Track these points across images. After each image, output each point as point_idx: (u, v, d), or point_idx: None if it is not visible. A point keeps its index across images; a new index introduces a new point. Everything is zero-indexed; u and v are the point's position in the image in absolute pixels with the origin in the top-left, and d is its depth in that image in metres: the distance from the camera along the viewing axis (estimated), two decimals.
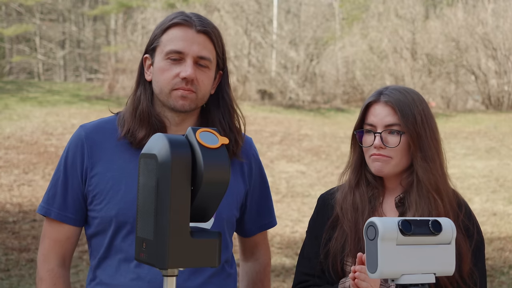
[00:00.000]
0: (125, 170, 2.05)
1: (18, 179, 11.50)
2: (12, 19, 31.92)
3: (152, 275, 2.02)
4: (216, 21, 24.27)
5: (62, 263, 2.11)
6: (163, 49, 2.05)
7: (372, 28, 27.06)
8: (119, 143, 2.07)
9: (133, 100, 2.10)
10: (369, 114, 2.20)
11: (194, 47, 2.03)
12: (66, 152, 2.11)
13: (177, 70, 2.03)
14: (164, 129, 2.08)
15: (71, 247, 2.13)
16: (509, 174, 13.18)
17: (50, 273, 2.09)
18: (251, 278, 2.36)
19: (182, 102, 2.04)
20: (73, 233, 2.11)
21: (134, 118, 2.06)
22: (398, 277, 1.65)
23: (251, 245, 2.36)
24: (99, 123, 2.14)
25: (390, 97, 2.17)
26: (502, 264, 7.69)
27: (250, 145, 2.25)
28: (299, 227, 9.38)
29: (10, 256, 7.58)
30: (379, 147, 2.15)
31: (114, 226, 2.04)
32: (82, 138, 2.08)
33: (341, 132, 17.90)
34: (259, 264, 2.36)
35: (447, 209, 2.15)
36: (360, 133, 2.22)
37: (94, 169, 2.06)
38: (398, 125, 2.15)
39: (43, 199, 2.13)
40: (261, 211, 2.29)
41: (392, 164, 2.17)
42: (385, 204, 2.23)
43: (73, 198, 2.08)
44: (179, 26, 2.05)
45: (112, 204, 2.03)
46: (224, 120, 2.12)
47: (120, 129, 2.08)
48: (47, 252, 2.11)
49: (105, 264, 2.08)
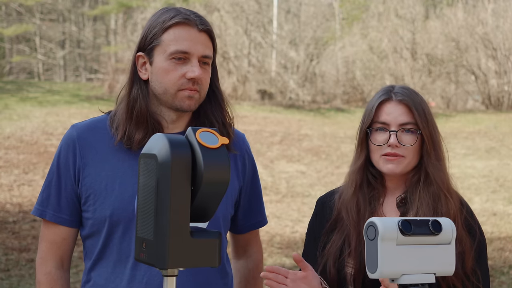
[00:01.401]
0: (119, 170, 2.03)
1: (18, 179, 11.50)
2: (12, 19, 31.92)
3: (149, 277, 2.01)
4: (216, 21, 24.31)
5: (60, 265, 2.10)
6: (165, 49, 2.01)
7: (372, 28, 27.06)
8: (112, 142, 2.04)
9: (127, 100, 2.05)
10: (381, 113, 2.17)
11: (198, 47, 2.02)
12: (59, 152, 2.08)
13: (183, 71, 2.00)
14: (161, 129, 2.05)
15: (68, 249, 2.11)
16: (509, 174, 13.18)
17: (47, 276, 2.08)
18: (243, 275, 2.35)
19: (188, 102, 2.02)
20: (69, 234, 2.09)
21: (131, 120, 2.03)
22: (398, 277, 1.65)
23: (244, 242, 2.34)
24: (91, 122, 2.11)
25: (403, 96, 2.16)
26: (502, 264, 7.69)
27: (243, 141, 2.24)
28: (299, 227, 9.38)
29: (10, 256, 7.58)
30: (394, 145, 2.13)
31: (108, 227, 2.02)
32: (74, 138, 2.06)
33: (341, 132, 17.90)
34: (252, 261, 2.35)
35: (457, 207, 2.15)
36: (371, 132, 2.18)
37: (86, 169, 2.04)
38: (413, 124, 2.14)
39: (37, 201, 2.11)
40: (253, 207, 2.28)
41: (405, 164, 2.15)
42: (386, 204, 2.22)
43: (67, 199, 2.06)
44: (181, 25, 2.01)
45: (106, 204, 2.01)
46: (216, 114, 2.11)
47: (113, 130, 2.05)
48: (44, 255, 2.10)
49: (100, 265, 2.06)
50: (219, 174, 1.45)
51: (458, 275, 2.09)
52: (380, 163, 2.16)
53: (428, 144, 2.15)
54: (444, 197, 2.14)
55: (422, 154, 2.18)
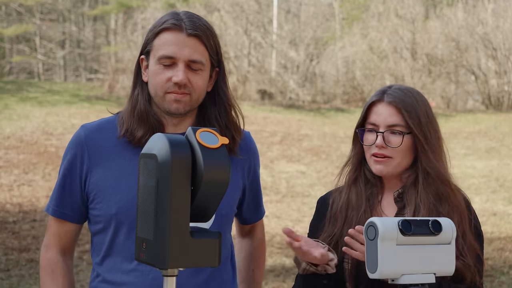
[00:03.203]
0: (125, 169, 2.08)
1: (18, 179, 11.50)
2: (12, 19, 31.92)
3: (155, 272, 2.05)
4: (216, 21, 24.29)
5: (62, 252, 2.17)
6: (155, 53, 2.08)
7: (372, 28, 27.06)
8: (119, 142, 2.11)
9: (131, 100, 2.14)
10: (372, 113, 2.21)
11: (185, 51, 2.05)
12: (67, 151, 2.16)
13: (169, 74, 2.05)
14: (162, 128, 2.12)
15: (70, 240, 2.19)
16: (509, 174, 13.18)
17: (49, 261, 2.16)
18: (248, 250, 2.44)
19: (176, 105, 2.06)
20: (71, 228, 2.17)
21: (133, 118, 2.10)
22: (398, 277, 1.65)
23: (248, 229, 2.45)
24: (100, 123, 2.17)
25: (394, 97, 2.18)
26: (502, 264, 7.69)
27: (250, 141, 2.29)
28: (299, 227, 9.38)
29: (10, 256, 7.58)
30: (380, 146, 2.16)
31: (114, 225, 2.08)
32: (82, 139, 2.13)
33: (341, 132, 17.90)
34: (256, 239, 2.45)
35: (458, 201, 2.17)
36: (362, 132, 2.23)
37: (94, 169, 2.10)
38: (401, 126, 2.17)
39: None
40: (256, 203, 2.36)
41: (393, 165, 2.18)
42: (384, 200, 2.24)
43: (70, 196, 2.13)
44: (170, 30, 2.07)
45: (112, 202, 2.07)
46: (221, 117, 2.14)
47: (120, 129, 2.12)
48: (48, 243, 2.18)
49: (108, 261, 2.12)
50: (219, 174, 1.45)
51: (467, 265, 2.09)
52: (371, 163, 2.21)
53: (423, 144, 2.16)
54: (452, 194, 2.16)
55: (418, 154, 2.19)
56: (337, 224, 2.22)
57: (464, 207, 2.17)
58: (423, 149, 2.17)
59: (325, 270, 2.09)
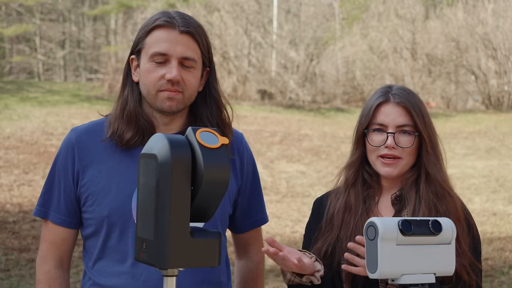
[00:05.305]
0: (116, 171, 2.07)
1: (18, 179, 11.49)
2: (12, 19, 31.90)
3: (147, 275, 2.03)
4: (216, 21, 24.30)
5: (59, 264, 2.14)
6: (147, 51, 2.06)
7: (372, 28, 27.05)
8: (109, 144, 2.09)
9: (120, 101, 2.12)
10: (379, 114, 2.18)
11: (178, 48, 2.04)
12: (58, 155, 2.14)
13: (162, 72, 2.04)
14: (152, 130, 2.09)
15: (68, 249, 2.15)
16: (509, 174, 13.18)
17: (46, 275, 2.12)
18: (243, 276, 2.36)
19: (169, 103, 2.05)
20: (69, 235, 2.14)
21: (122, 119, 2.08)
22: (398, 277, 1.65)
23: (244, 242, 2.35)
24: (90, 126, 2.16)
25: (401, 98, 2.18)
26: (502, 264, 7.68)
27: (240, 141, 2.25)
28: (299, 227, 9.38)
29: (10, 256, 7.58)
30: (391, 147, 2.14)
31: (106, 227, 2.06)
32: (73, 142, 2.11)
33: (341, 132, 17.89)
34: (252, 262, 2.36)
35: (458, 204, 2.17)
36: (367, 133, 2.20)
37: (85, 171, 2.08)
38: (410, 126, 2.16)
39: (38, 202, 2.16)
40: (252, 207, 2.29)
41: (401, 166, 2.17)
42: (381, 203, 2.23)
43: (65, 201, 2.11)
44: (162, 27, 2.06)
45: (104, 204, 2.05)
46: (212, 116, 2.13)
47: (107, 131, 2.10)
48: (44, 255, 2.14)
49: (99, 264, 2.10)
50: (219, 174, 1.45)
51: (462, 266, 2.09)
52: (377, 165, 2.18)
53: (428, 144, 2.17)
54: (448, 196, 2.16)
55: (420, 155, 2.19)
56: (333, 228, 2.20)
57: (461, 208, 2.17)
58: (427, 149, 2.17)
59: (311, 281, 2.08)
